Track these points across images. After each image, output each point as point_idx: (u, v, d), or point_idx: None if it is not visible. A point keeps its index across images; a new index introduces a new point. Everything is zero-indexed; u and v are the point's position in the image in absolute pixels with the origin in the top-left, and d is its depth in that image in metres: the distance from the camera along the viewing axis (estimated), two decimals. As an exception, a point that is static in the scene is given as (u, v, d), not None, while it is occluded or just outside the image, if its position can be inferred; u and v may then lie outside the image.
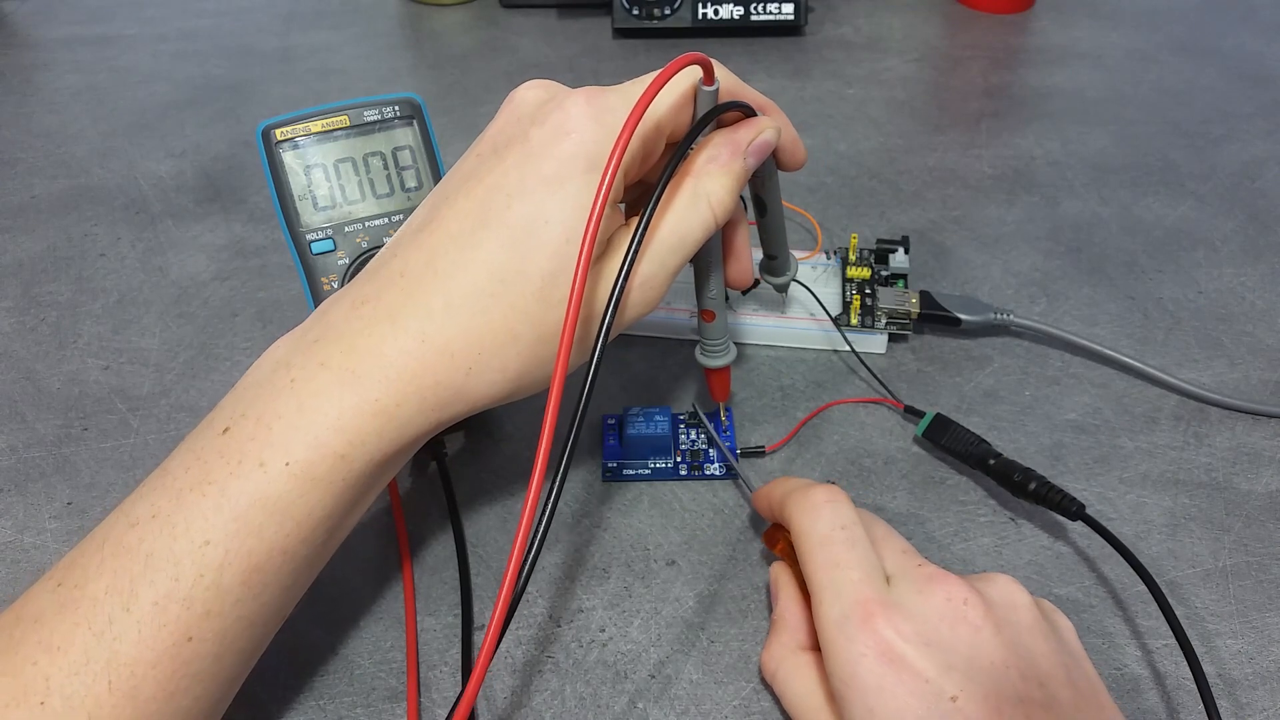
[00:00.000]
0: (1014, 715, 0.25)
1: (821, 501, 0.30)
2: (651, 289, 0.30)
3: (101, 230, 0.53)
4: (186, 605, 0.25)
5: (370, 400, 0.27)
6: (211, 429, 0.28)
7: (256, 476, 0.26)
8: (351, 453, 0.27)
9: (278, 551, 0.27)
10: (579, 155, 0.28)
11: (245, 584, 0.26)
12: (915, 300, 0.44)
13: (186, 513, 0.26)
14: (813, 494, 0.30)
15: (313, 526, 0.27)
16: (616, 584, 0.35)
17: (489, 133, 0.31)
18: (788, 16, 0.71)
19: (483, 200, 0.29)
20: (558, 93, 0.30)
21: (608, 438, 0.39)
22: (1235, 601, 0.34)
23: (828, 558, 0.28)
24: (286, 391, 0.27)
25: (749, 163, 0.31)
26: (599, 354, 0.27)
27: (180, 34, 0.75)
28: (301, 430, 0.27)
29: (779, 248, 0.39)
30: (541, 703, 0.31)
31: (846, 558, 0.28)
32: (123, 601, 0.25)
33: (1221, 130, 0.61)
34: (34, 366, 0.44)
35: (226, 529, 0.26)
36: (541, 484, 0.25)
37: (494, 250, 0.28)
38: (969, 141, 0.60)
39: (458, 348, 0.28)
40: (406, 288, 0.28)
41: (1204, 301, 0.47)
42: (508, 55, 0.71)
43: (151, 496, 0.27)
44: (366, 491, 0.29)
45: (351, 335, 0.28)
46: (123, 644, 0.25)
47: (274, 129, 0.36)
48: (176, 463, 0.28)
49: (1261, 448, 0.39)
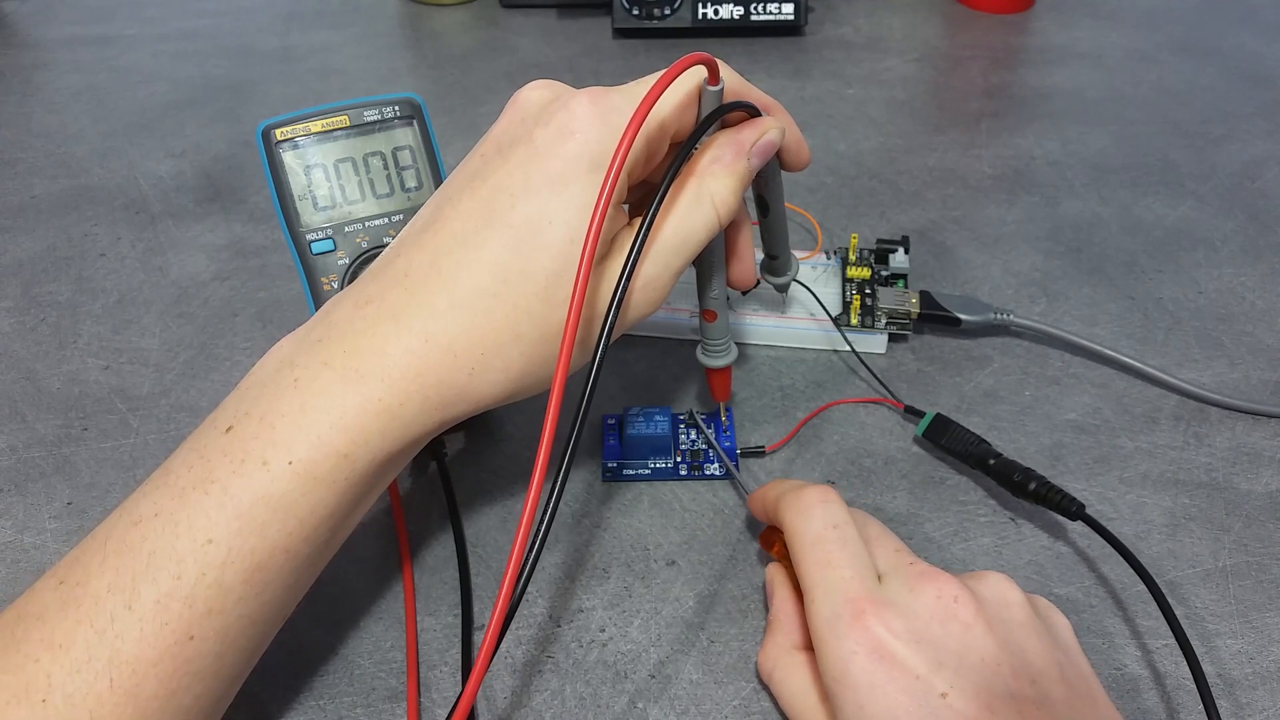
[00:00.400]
0: (1005, 712, 0.25)
1: (814, 502, 0.30)
2: (655, 290, 0.30)
3: (101, 230, 0.53)
4: (188, 603, 0.25)
5: (373, 399, 0.27)
6: (214, 428, 0.28)
7: (259, 475, 0.26)
8: (354, 452, 0.27)
9: (280, 550, 0.27)
10: (583, 155, 0.28)
11: (247, 582, 0.26)
12: (915, 300, 0.44)
13: (189, 511, 0.26)
14: (805, 494, 0.31)
15: (315, 525, 0.27)
16: (616, 584, 0.35)
17: (493, 133, 0.31)
18: (788, 16, 0.71)
19: (487, 200, 0.29)
20: (562, 93, 0.30)
21: (608, 438, 0.39)
22: (1235, 601, 0.34)
23: (820, 557, 0.29)
24: (290, 391, 0.27)
25: (753, 163, 0.31)
26: (601, 355, 0.27)
27: (180, 34, 0.75)
28: (304, 429, 0.27)
29: (781, 248, 0.39)
30: (541, 703, 0.31)
31: (838, 557, 0.28)
32: (125, 599, 0.25)
33: (1221, 130, 0.61)
34: (34, 366, 0.44)
35: (229, 527, 0.26)
36: (541, 485, 0.26)
37: (498, 250, 0.28)
38: (969, 141, 0.60)
39: (461, 347, 0.28)
40: (410, 287, 0.28)
41: (1204, 301, 0.47)
42: (508, 55, 0.71)
43: (154, 495, 0.27)
44: (369, 491, 0.29)
45: (355, 335, 0.28)
46: (125, 642, 0.25)
47: (274, 129, 0.36)
48: (179, 461, 0.28)
49: (1261, 448, 0.39)
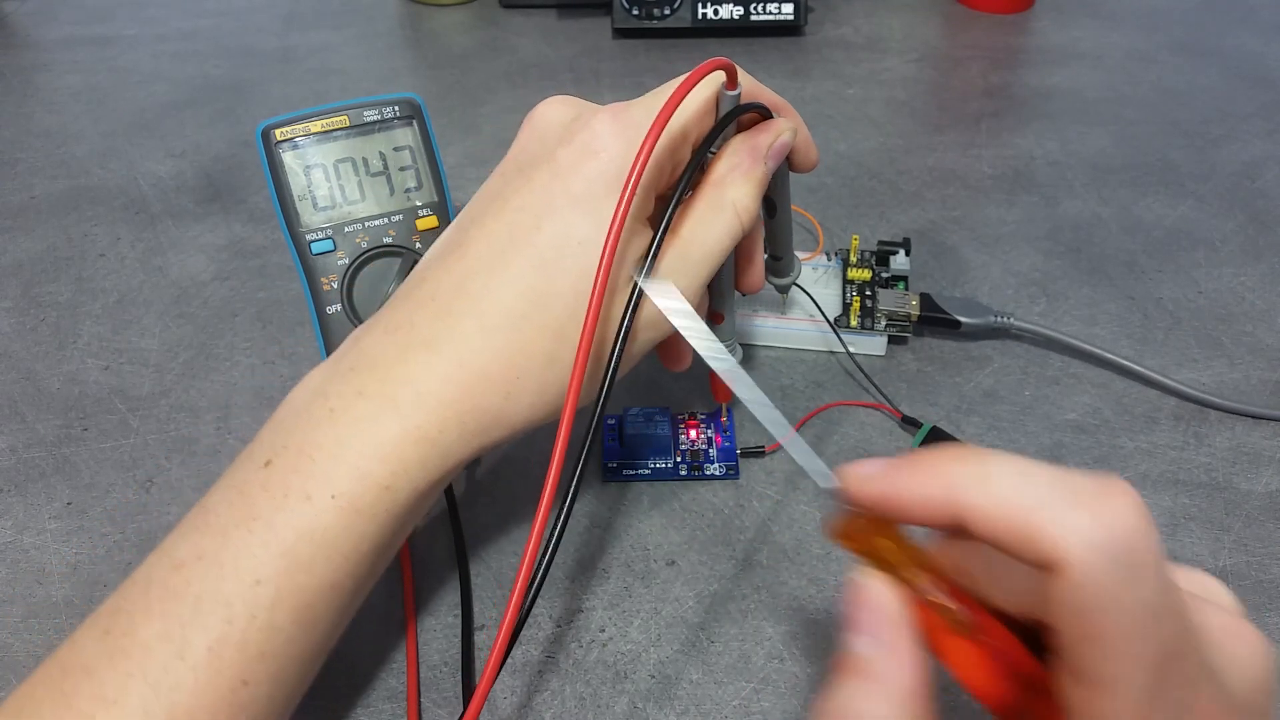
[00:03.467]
0: None
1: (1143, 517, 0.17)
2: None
3: (101, 230, 0.53)
4: (241, 648, 0.25)
5: (412, 428, 0.27)
6: (251, 462, 0.27)
7: (303, 510, 0.26)
8: (395, 483, 0.27)
9: (328, 586, 0.26)
10: (607, 174, 0.27)
11: (297, 622, 0.26)
12: (915, 303, 0.43)
13: (233, 551, 0.25)
14: (1110, 497, 0.17)
15: (359, 559, 0.27)
16: (616, 584, 0.35)
17: (512, 152, 0.31)
18: (788, 16, 0.71)
19: (511, 222, 0.28)
20: (583, 110, 0.30)
21: (608, 438, 0.39)
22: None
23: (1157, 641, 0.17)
24: (326, 422, 0.27)
25: (770, 166, 0.31)
26: (610, 379, 0.27)
27: (180, 34, 0.75)
28: (345, 462, 0.26)
29: (785, 249, 0.39)
30: (541, 703, 0.31)
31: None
32: (176, 648, 0.24)
33: (1221, 130, 0.61)
34: (34, 366, 0.44)
35: (275, 566, 0.25)
36: (551, 503, 0.25)
37: (524, 271, 0.28)
38: (969, 141, 0.60)
39: (495, 371, 0.27)
40: (438, 312, 0.28)
41: (1204, 301, 0.47)
42: (508, 55, 0.71)
43: (194, 535, 0.26)
44: (407, 522, 0.28)
45: (387, 363, 0.28)
46: (180, 694, 0.24)
47: (274, 129, 0.36)
48: (217, 499, 0.27)
49: (1261, 448, 0.39)
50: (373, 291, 0.36)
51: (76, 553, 0.36)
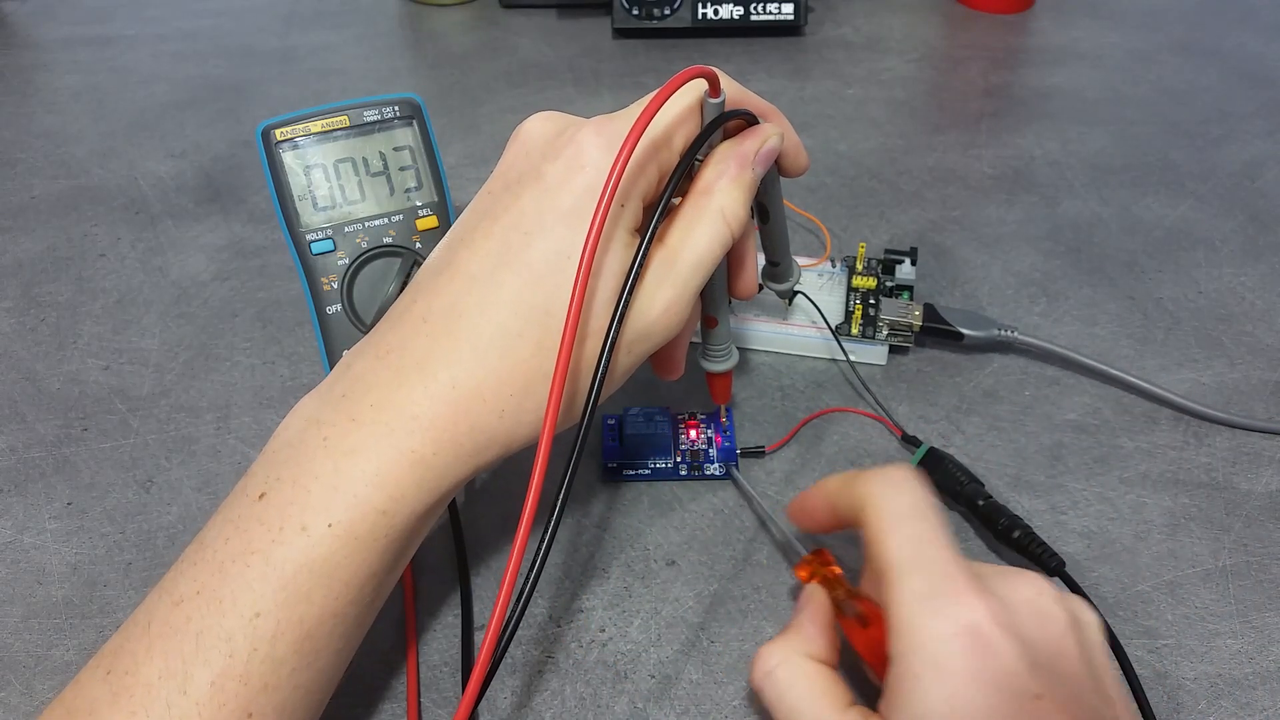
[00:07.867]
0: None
1: (906, 476, 0.28)
2: (675, 314, 0.29)
3: (101, 230, 0.53)
4: (243, 681, 0.25)
5: (406, 451, 0.27)
6: (246, 495, 0.27)
7: (300, 541, 0.26)
8: (392, 508, 0.27)
9: (329, 615, 0.26)
10: (595, 187, 0.27)
11: (299, 653, 0.26)
12: (918, 313, 0.43)
13: (232, 585, 0.25)
14: (892, 470, 0.29)
15: (359, 586, 0.27)
16: (616, 584, 0.35)
17: (499, 169, 0.31)
18: (787, 16, 0.71)
19: (501, 240, 0.28)
20: (568, 125, 0.30)
21: (608, 438, 0.39)
22: (1235, 601, 0.34)
23: (915, 531, 0.27)
24: (320, 450, 0.27)
25: (757, 171, 0.31)
26: (596, 393, 0.27)
27: (180, 34, 0.75)
28: (340, 490, 0.26)
29: (781, 254, 0.39)
30: (541, 703, 0.31)
31: (936, 533, 0.26)
32: (178, 685, 0.24)
33: (1221, 130, 0.61)
34: (34, 366, 0.44)
35: (275, 598, 0.25)
36: (537, 504, 0.26)
37: (517, 289, 0.28)
38: (969, 141, 0.60)
39: (489, 391, 0.27)
40: (431, 333, 0.28)
41: (1204, 302, 0.47)
42: (508, 55, 0.71)
43: (192, 571, 0.26)
44: (406, 547, 0.28)
45: (380, 387, 0.28)
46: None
47: (274, 129, 0.36)
48: (214, 534, 0.27)
49: (1261, 448, 0.39)
50: (373, 292, 0.36)
51: (76, 553, 0.36)
